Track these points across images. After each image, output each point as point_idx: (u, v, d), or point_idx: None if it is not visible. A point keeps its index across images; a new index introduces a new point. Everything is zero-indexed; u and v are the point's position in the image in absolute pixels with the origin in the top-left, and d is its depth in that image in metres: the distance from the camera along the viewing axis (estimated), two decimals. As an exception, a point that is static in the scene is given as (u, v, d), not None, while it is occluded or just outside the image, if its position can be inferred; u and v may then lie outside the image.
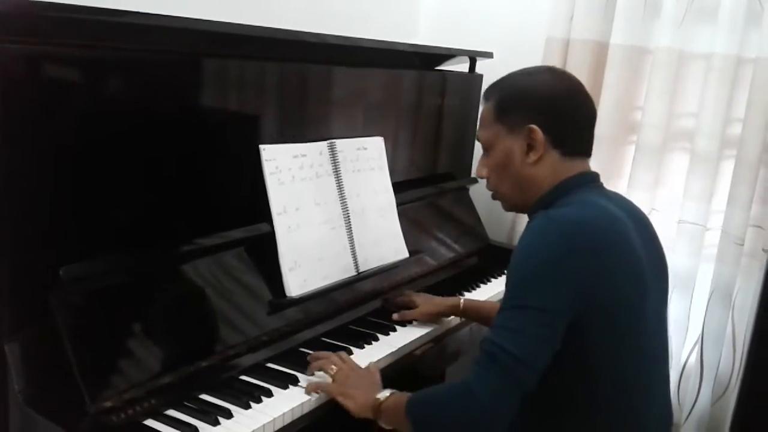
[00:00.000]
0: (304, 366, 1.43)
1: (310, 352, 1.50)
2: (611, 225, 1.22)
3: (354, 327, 1.66)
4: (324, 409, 1.35)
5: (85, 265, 1.19)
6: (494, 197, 1.41)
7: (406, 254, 1.86)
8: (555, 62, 2.26)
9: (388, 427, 1.33)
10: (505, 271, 2.12)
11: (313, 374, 1.42)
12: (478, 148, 2.36)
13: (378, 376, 1.41)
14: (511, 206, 1.40)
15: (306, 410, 1.33)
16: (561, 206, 1.25)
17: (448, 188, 2.23)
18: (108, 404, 1.16)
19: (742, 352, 2.11)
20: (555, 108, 1.29)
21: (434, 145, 2.23)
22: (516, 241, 2.39)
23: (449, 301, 1.77)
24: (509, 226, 2.53)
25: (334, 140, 1.70)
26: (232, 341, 1.39)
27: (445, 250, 2.10)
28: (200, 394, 1.30)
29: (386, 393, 1.32)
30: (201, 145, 1.43)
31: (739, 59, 2.05)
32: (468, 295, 1.95)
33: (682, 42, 2.13)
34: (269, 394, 1.32)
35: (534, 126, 1.27)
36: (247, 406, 1.27)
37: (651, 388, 1.27)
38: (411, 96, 2.09)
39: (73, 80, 1.21)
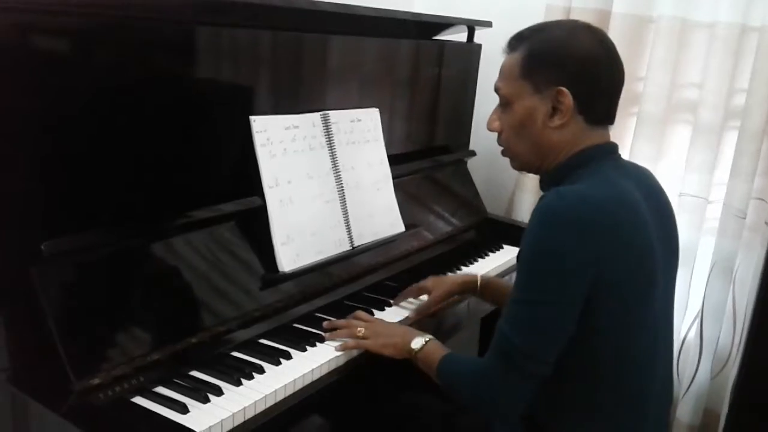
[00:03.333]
0: (296, 342, 1.40)
1: (304, 327, 1.48)
2: (622, 204, 1.17)
3: (349, 302, 1.63)
4: (316, 386, 1.32)
5: (69, 240, 1.16)
6: (504, 154, 1.34)
7: (402, 228, 1.82)
8: (555, 31, 2.21)
9: None
10: (503, 246, 2.13)
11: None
12: (477, 120, 2.35)
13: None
14: (523, 166, 1.33)
15: (297, 387, 1.30)
16: (574, 181, 1.20)
17: (446, 161, 2.19)
18: (95, 381, 1.13)
19: (743, 327, 2.08)
20: (589, 71, 1.20)
21: (431, 116, 2.18)
22: (514, 214, 2.40)
23: (462, 277, 1.69)
24: (507, 199, 2.49)
25: (327, 111, 1.65)
26: (223, 317, 1.36)
27: (442, 223, 2.07)
28: (190, 370, 1.28)
29: (420, 341, 1.36)
30: (190, 116, 1.39)
31: (743, 28, 1.99)
32: (465, 270, 1.93)
33: (685, 10, 2.07)
34: (261, 370, 1.30)
35: (564, 89, 1.19)
36: (238, 383, 1.25)
37: (655, 364, 1.25)
38: (408, 66, 2.04)
39: (54, 49, 1.16)
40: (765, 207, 2.02)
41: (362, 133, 1.75)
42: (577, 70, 1.20)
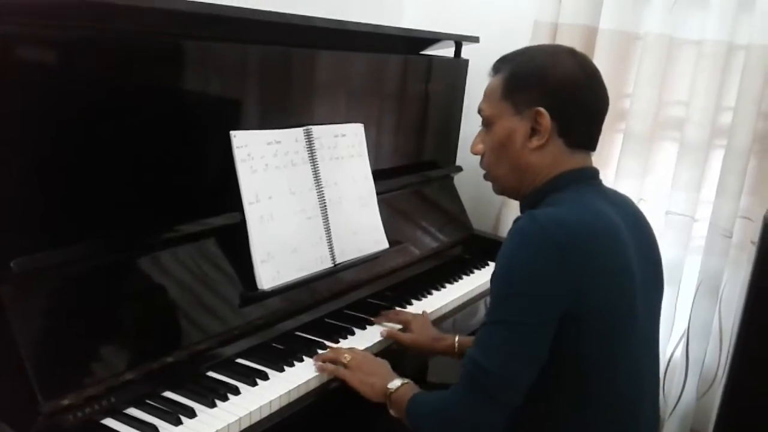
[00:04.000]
0: (274, 362, 1.37)
1: (281, 347, 1.45)
2: (600, 228, 1.15)
3: (330, 320, 1.61)
4: (292, 408, 1.30)
5: (40, 257, 1.13)
6: (486, 177, 1.33)
7: (386, 245, 1.80)
8: (542, 47, 2.20)
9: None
10: (489, 263, 2.11)
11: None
12: (463, 136, 2.34)
13: (388, 365, 1.40)
14: (503, 190, 1.32)
15: (274, 409, 1.27)
16: (550, 204, 1.19)
17: (433, 176, 2.17)
18: (64, 402, 1.10)
19: (729, 346, 2.07)
20: (569, 94, 1.20)
21: (418, 131, 2.16)
22: (501, 231, 2.39)
23: (443, 341, 1.59)
24: (494, 215, 2.48)
25: (310, 127, 1.63)
26: (200, 336, 1.33)
27: (428, 239, 2.05)
28: (164, 391, 1.25)
29: (397, 383, 1.32)
30: (172, 130, 1.36)
31: (730, 46, 2.00)
32: (450, 287, 1.91)
33: (672, 28, 2.07)
34: (236, 391, 1.27)
35: (542, 109, 1.18)
36: (213, 405, 1.22)
37: (642, 389, 1.23)
38: (395, 81, 2.02)
39: (41, 61, 1.14)
40: (751, 226, 2.02)
41: (346, 148, 1.73)
42: (556, 92, 1.20)
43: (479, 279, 2.00)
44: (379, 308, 1.68)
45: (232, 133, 1.45)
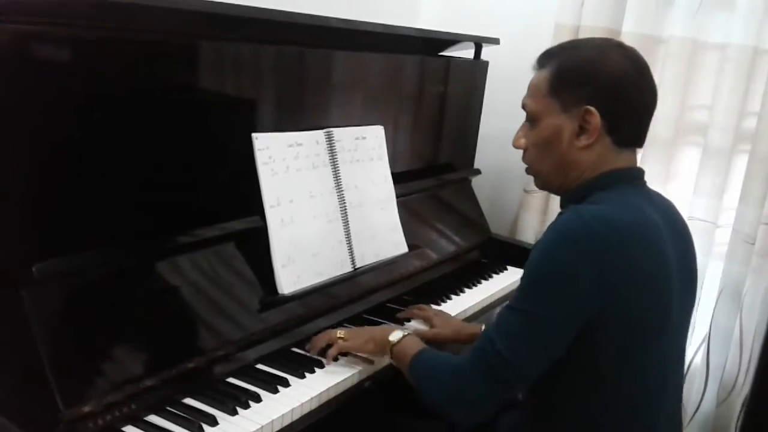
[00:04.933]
0: (294, 368, 1.35)
1: (302, 352, 1.43)
2: (643, 228, 1.13)
3: (349, 325, 1.59)
4: (314, 416, 1.28)
5: (61, 262, 1.12)
6: (528, 171, 1.30)
7: (405, 249, 1.78)
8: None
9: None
10: (507, 267, 2.08)
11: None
12: (482, 138, 2.31)
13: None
14: (545, 185, 1.29)
15: (296, 417, 1.25)
16: (595, 201, 1.16)
17: (451, 179, 2.15)
18: (85, 409, 1.09)
19: (750, 354, 2.04)
20: (619, 91, 1.16)
21: (437, 134, 2.14)
22: (518, 234, 2.36)
23: (469, 328, 1.62)
24: (512, 219, 2.45)
25: (331, 129, 1.61)
26: (220, 341, 1.31)
27: (445, 243, 2.02)
28: (184, 398, 1.23)
29: (399, 334, 1.35)
30: (189, 133, 1.34)
31: (756, 50, 1.96)
32: (469, 292, 1.88)
33: (696, 31, 2.04)
34: (258, 398, 1.25)
35: (592, 108, 1.15)
36: (234, 412, 1.20)
37: (665, 397, 1.20)
38: (413, 83, 2.00)
39: (52, 62, 1.11)
40: (775, 233, 1.98)
41: (366, 151, 1.71)
42: (606, 90, 1.16)
43: (498, 284, 1.97)
44: (398, 312, 1.66)
45: (254, 135, 1.43)
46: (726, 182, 2.05)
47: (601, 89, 1.16)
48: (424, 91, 2.04)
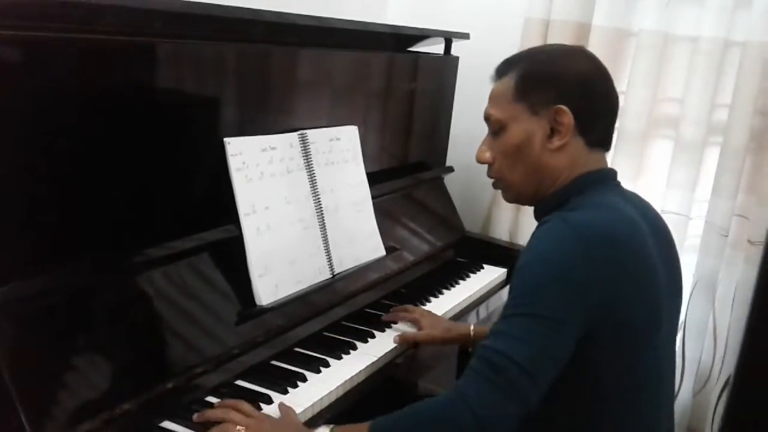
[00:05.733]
0: (275, 383, 1.30)
1: (283, 365, 1.38)
2: (630, 232, 1.12)
3: (329, 334, 1.53)
4: None
5: (23, 285, 1.04)
6: (496, 186, 1.27)
7: (383, 252, 1.73)
8: (534, 44, 2.13)
9: None
10: (483, 265, 2.05)
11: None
12: (454, 135, 2.28)
13: (296, 417, 1.20)
14: (517, 197, 1.26)
15: (282, 435, 1.20)
16: (577, 208, 1.14)
17: (424, 178, 2.11)
18: (58, 440, 1.02)
19: (726, 345, 2.06)
20: (588, 90, 1.16)
21: (408, 132, 2.09)
22: (491, 231, 2.33)
23: (458, 328, 1.59)
24: (483, 215, 2.42)
25: (305, 131, 1.55)
26: (197, 359, 1.25)
27: (420, 243, 1.98)
28: (162, 421, 1.16)
29: (324, 430, 1.13)
30: (156, 140, 1.27)
31: (726, 42, 1.97)
32: (447, 293, 1.85)
33: (667, 24, 2.03)
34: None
35: (563, 107, 1.13)
36: (216, 435, 1.14)
37: (660, 402, 1.19)
38: (383, 80, 1.94)
39: (10, 66, 1.03)
40: (747, 224, 2.00)
41: (341, 152, 1.66)
42: (575, 89, 1.16)
43: (476, 283, 1.94)
44: (379, 318, 1.61)
45: (226, 140, 1.36)
46: (698, 175, 2.06)
47: (571, 88, 1.15)
48: (394, 89, 2.00)
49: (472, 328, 1.57)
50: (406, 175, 2.02)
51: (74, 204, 1.14)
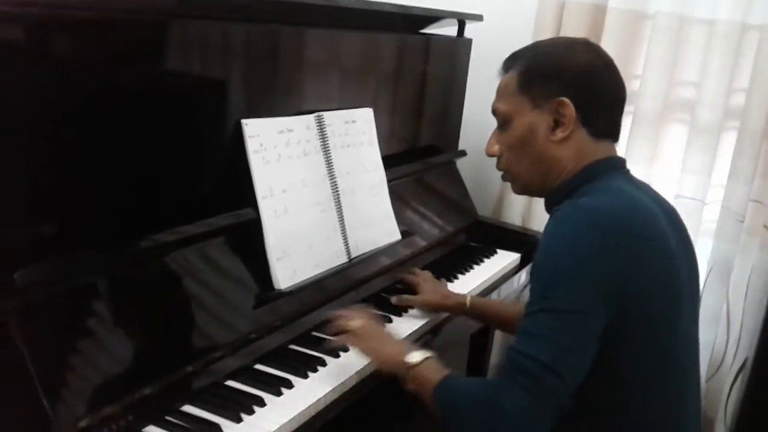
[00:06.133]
0: (296, 368, 1.28)
1: (302, 349, 1.36)
2: (645, 218, 1.11)
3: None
4: (323, 417, 1.21)
5: (43, 267, 1.02)
6: (505, 178, 1.29)
7: (398, 236, 1.72)
8: (548, 26, 2.12)
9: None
10: (497, 250, 2.04)
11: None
12: (466, 119, 2.25)
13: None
14: (525, 188, 1.27)
15: (303, 420, 1.18)
16: (588, 194, 1.13)
17: (436, 162, 2.08)
18: (81, 425, 1.00)
19: (740, 330, 2.05)
20: (590, 81, 1.16)
21: (420, 115, 2.07)
22: (503, 215, 2.32)
23: (454, 297, 1.61)
24: (495, 199, 2.40)
25: (321, 113, 1.53)
26: (216, 343, 1.23)
27: (433, 228, 1.96)
28: (183, 405, 1.15)
29: (417, 356, 1.19)
30: (171, 122, 1.25)
31: (743, 26, 1.94)
32: (462, 278, 1.83)
33: (683, 6, 2.00)
34: (261, 402, 1.17)
35: (565, 99, 1.14)
36: (238, 419, 1.12)
37: (687, 388, 1.17)
38: (394, 62, 1.90)
39: (18, 45, 1.00)
40: (763, 210, 1.98)
41: (357, 135, 1.63)
42: (577, 81, 1.16)
43: (491, 268, 1.93)
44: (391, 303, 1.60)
45: (244, 121, 1.34)
46: (714, 160, 2.04)
47: (572, 81, 1.16)
48: (406, 71, 1.97)
49: (468, 299, 1.59)
50: (418, 159, 2.00)
51: (89, 188, 1.12)
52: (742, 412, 2.00)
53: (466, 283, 1.81)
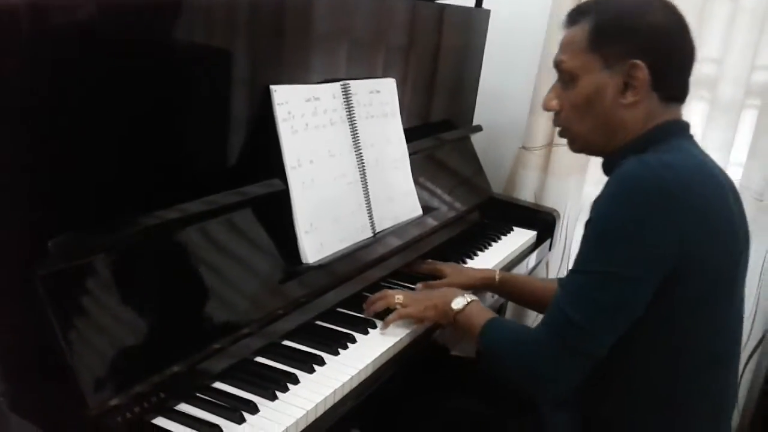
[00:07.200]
0: (326, 344, 1.24)
1: (328, 325, 1.32)
2: (709, 177, 1.08)
3: (370, 294, 1.47)
4: (358, 395, 1.17)
5: (74, 236, 0.96)
6: (562, 134, 1.23)
7: (419, 211, 1.67)
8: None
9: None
10: (513, 227, 2.00)
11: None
12: (483, 93, 2.20)
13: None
14: (584, 147, 1.21)
15: (337, 398, 1.14)
16: (656, 152, 1.08)
17: (451, 138, 2.03)
18: (112, 402, 0.95)
19: (755, 311, 2.04)
20: (665, 43, 1.10)
21: (436, 88, 2.00)
22: (516, 192, 2.27)
23: (482, 272, 1.57)
24: (506, 176, 2.36)
25: (348, 81, 1.47)
26: (244, 318, 1.18)
27: (450, 204, 1.91)
28: (213, 382, 1.11)
29: (462, 301, 1.28)
30: (197, 90, 1.18)
31: (769, 0, 1.90)
32: (482, 255, 1.79)
33: (707, -20, 1.96)
34: (295, 380, 1.13)
35: (639, 62, 1.08)
36: (273, 397, 1.08)
37: (732, 362, 1.15)
38: (408, 31, 1.81)
39: (46, 23, 0.92)
40: (783, 189, 1.96)
41: (380, 106, 1.58)
42: (652, 43, 1.10)
43: (509, 245, 1.90)
44: (418, 279, 1.56)
45: (273, 87, 1.28)
46: (734, 137, 2.01)
47: (648, 42, 1.10)
48: (421, 42, 1.90)
49: (497, 273, 1.56)
50: (431, 133, 1.94)
51: (119, 157, 1.06)
52: (758, 390, 1.99)
53: (486, 260, 1.77)
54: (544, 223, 2.08)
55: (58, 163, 0.97)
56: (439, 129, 2.00)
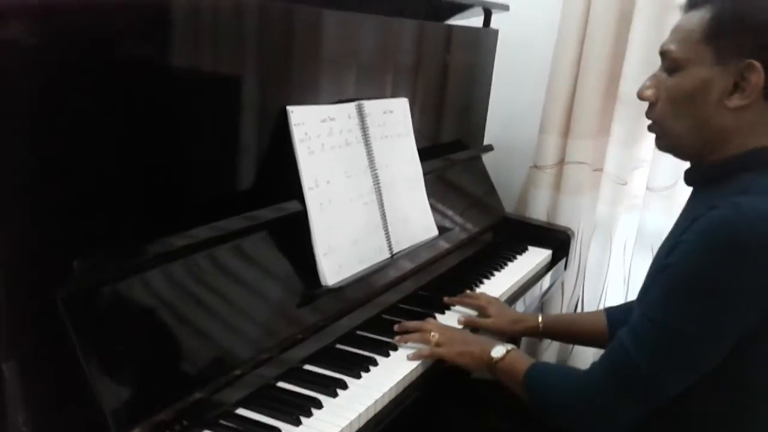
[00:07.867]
0: (346, 366, 1.22)
1: (347, 348, 1.30)
2: None
3: (388, 317, 1.45)
4: (382, 419, 1.14)
5: (96, 260, 0.94)
6: (651, 129, 1.12)
7: (435, 232, 1.65)
8: (576, 15, 2.07)
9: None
10: (528, 247, 1.98)
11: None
12: (492, 113, 2.19)
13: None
14: (673, 148, 1.10)
15: (362, 423, 1.12)
16: (744, 188, 0.98)
17: (463, 157, 2.02)
18: (135, 431, 0.92)
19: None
20: None
21: (446, 108, 2.00)
22: (528, 212, 2.26)
23: (526, 320, 1.48)
24: (518, 195, 2.35)
25: (362, 101, 1.46)
26: (266, 342, 1.16)
27: (463, 225, 1.90)
28: (236, 409, 1.08)
29: (501, 350, 1.22)
30: (212, 112, 1.17)
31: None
32: (498, 275, 1.77)
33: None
34: (318, 404, 1.11)
35: (756, 63, 0.97)
36: (297, 422, 1.06)
37: None
38: (417, 52, 1.80)
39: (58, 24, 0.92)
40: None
41: (394, 126, 1.57)
42: None
43: (525, 265, 1.87)
44: (432, 302, 1.53)
45: (290, 108, 1.27)
46: None
47: None
48: (430, 62, 1.89)
49: (540, 319, 1.47)
50: (442, 154, 1.93)
51: (137, 179, 1.05)
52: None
53: (502, 281, 1.75)
54: (558, 242, 2.06)
55: (79, 188, 0.96)
56: (450, 149, 1.99)
